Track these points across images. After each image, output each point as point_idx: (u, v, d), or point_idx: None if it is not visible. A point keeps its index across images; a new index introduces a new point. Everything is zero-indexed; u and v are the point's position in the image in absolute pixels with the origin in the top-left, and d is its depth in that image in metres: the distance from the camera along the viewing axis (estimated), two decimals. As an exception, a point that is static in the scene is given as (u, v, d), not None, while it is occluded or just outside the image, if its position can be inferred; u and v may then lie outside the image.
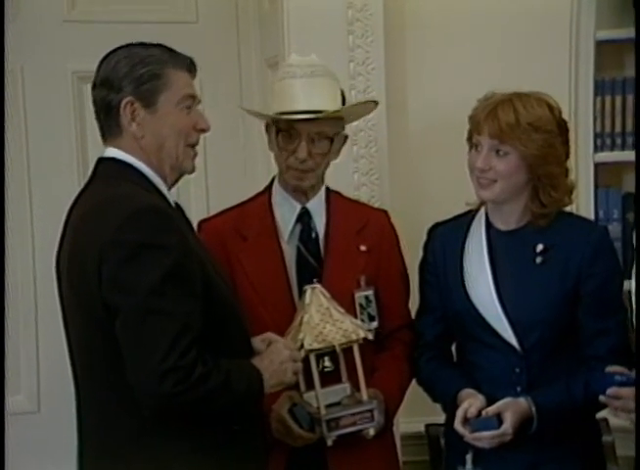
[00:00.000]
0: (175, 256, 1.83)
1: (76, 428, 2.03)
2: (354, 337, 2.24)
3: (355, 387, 2.28)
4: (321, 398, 2.22)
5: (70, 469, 2.07)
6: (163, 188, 1.98)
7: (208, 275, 1.92)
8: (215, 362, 1.85)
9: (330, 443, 2.23)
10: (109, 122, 1.96)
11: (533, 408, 2.20)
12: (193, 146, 2.01)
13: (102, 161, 1.99)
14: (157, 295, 1.80)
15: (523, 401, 2.21)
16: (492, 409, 2.19)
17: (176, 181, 2.04)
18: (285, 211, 2.40)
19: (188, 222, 2.07)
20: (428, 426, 2.80)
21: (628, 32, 2.86)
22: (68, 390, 2.05)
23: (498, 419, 2.18)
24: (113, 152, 1.97)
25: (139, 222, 1.83)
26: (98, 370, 1.93)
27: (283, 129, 2.30)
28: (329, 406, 2.24)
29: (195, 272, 1.87)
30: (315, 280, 2.28)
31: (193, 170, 2.04)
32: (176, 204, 2.04)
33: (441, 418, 2.45)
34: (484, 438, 2.18)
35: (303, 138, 2.29)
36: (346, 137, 2.43)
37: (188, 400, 1.82)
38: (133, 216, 1.83)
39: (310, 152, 2.30)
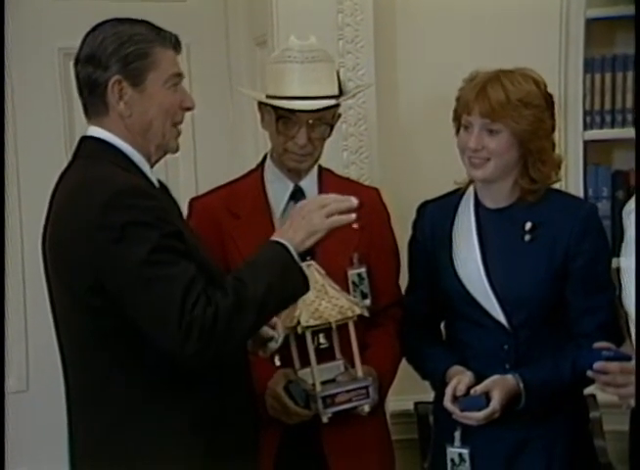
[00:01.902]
0: (161, 229, 1.82)
1: (66, 408, 2.02)
2: (350, 313, 2.24)
3: (349, 363, 2.29)
4: (316, 374, 2.23)
5: (61, 448, 2.08)
6: (146, 168, 1.97)
7: (195, 256, 1.89)
8: (220, 290, 1.80)
9: (325, 419, 2.23)
10: (93, 100, 1.94)
11: (521, 385, 2.20)
12: (178, 125, 2.00)
13: (84, 139, 1.98)
14: (151, 264, 1.79)
15: (510, 379, 2.21)
16: (480, 388, 2.20)
17: (158, 160, 2.02)
18: (277, 189, 2.40)
19: (174, 201, 2.06)
20: (416, 404, 2.82)
21: (618, 10, 2.88)
22: (57, 368, 2.04)
23: (486, 397, 2.19)
24: (95, 131, 1.95)
25: (119, 204, 1.81)
26: (85, 351, 1.92)
27: (283, 115, 2.29)
28: (324, 383, 2.24)
29: (180, 247, 1.85)
30: (308, 258, 2.28)
31: (177, 150, 2.03)
32: (160, 183, 2.03)
33: (430, 396, 2.46)
34: (474, 418, 2.19)
35: (304, 124, 2.29)
36: (340, 115, 2.42)
37: (218, 341, 1.79)
38: (113, 198, 1.81)
39: (310, 137, 2.30)
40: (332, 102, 2.30)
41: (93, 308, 1.85)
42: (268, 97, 2.32)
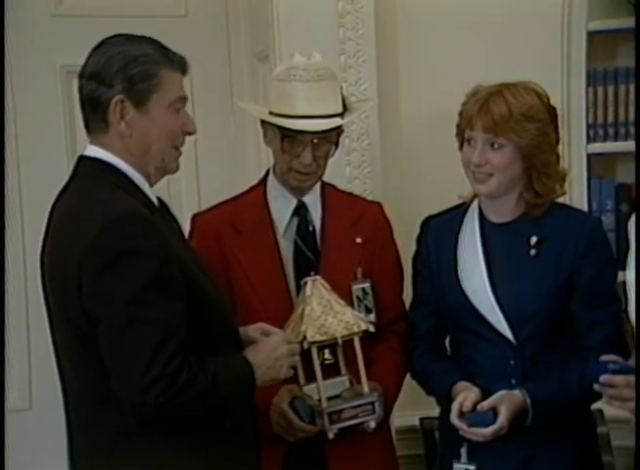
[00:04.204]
0: (155, 262, 1.80)
1: (66, 428, 2.01)
2: (356, 329, 2.23)
3: (355, 379, 2.28)
4: (322, 390, 2.22)
5: (63, 467, 2.06)
6: (146, 187, 1.95)
7: (191, 277, 1.89)
8: (201, 365, 1.83)
9: (331, 435, 2.22)
10: (95, 117, 1.92)
11: (528, 401, 2.19)
12: (178, 147, 1.98)
13: (82, 159, 1.96)
14: (137, 304, 1.78)
15: (517, 394, 2.20)
16: (487, 403, 2.18)
17: (158, 180, 2.00)
18: (281, 205, 2.39)
19: (173, 219, 2.05)
20: (422, 420, 2.80)
21: (620, 23, 2.87)
22: (59, 387, 2.03)
23: (494, 413, 2.17)
24: (93, 150, 1.93)
25: (118, 229, 1.80)
26: (83, 372, 1.91)
27: (288, 134, 2.28)
28: (330, 399, 2.24)
29: (176, 276, 1.84)
30: (312, 273, 2.28)
31: (177, 170, 2.01)
32: (160, 201, 2.02)
33: (435, 412, 2.45)
34: (481, 433, 2.17)
35: (309, 143, 2.28)
36: (343, 130, 2.42)
37: (173, 408, 1.81)
38: (112, 224, 1.80)
39: (314, 155, 2.30)
40: (338, 121, 2.30)
41: (83, 333, 1.84)
42: (272, 114, 2.31)
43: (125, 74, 1.88)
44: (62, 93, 2.97)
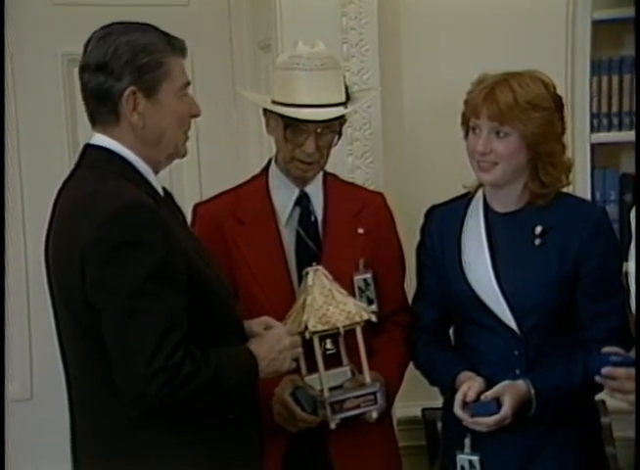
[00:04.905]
0: (159, 253, 1.79)
1: (69, 419, 2.00)
2: (358, 319, 2.23)
3: (357, 369, 2.27)
4: (324, 380, 2.22)
5: (65, 457, 2.05)
6: (151, 176, 1.94)
7: (195, 267, 1.88)
8: (204, 357, 1.82)
9: (333, 426, 2.22)
10: (102, 109, 1.89)
11: (532, 391, 2.18)
12: (187, 132, 1.98)
13: (88, 147, 1.95)
14: (140, 295, 1.77)
15: (521, 384, 2.19)
16: (491, 393, 2.18)
17: (165, 167, 2.00)
18: (283, 195, 2.38)
19: (178, 209, 2.04)
20: (424, 410, 2.80)
21: (625, 12, 2.85)
22: (61, 376, 2.02)
23: (497, 403, 2.17)
24: (100, 139, 1.92)
25: (121, 220, 1.79)
26: (87, 363, 1.90)
27: (291, 123, 2.27)
28: (332, 389, 2.23)
29: (180, 267, 1.83)
30: (314, 263, 2.27)
31: (185, 154, 2.01)
32: (165, 191, 2.00)
33: (438, 402, 2.45)
34: (484, 423, 2.17)
35: (312, 133, 2.27)
36: (346, 120, 2.41)
37: (175, 400, 1.80)
38: (116, 214, 1.79)
39: (317, 145, 2.29)
40: (341, 110, 2.29)
41: (86, 324, 1.83)
42: (275, 103, 2.30)
43: (134, 65, 1.86)
44: (63, 82, 2.96)
